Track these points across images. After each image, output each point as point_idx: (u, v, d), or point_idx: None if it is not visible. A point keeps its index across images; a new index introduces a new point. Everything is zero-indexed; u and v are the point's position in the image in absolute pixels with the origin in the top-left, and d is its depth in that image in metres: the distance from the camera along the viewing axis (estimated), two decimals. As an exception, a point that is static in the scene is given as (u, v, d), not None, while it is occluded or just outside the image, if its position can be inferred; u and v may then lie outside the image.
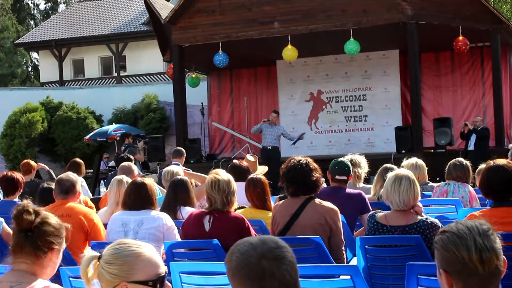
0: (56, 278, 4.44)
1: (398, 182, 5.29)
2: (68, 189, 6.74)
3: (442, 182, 8.28)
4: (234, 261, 2.47)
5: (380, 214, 5.44)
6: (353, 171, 8.10)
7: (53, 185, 7.31)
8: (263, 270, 2.40)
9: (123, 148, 17.51)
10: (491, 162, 5.24)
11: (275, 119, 18.23)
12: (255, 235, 5.71)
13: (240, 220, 5.73)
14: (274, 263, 2.40)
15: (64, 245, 3.42)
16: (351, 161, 8.10)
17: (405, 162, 8.39)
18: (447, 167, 8.24)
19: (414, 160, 8.52)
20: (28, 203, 3.33)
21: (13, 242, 3.30)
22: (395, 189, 5.29)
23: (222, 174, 5.93)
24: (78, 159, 12.23)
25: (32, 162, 11.96)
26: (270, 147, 17.68)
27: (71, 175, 7.04)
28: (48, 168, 13.27)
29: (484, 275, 2.53)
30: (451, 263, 2.56)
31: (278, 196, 5.92)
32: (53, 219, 3.35)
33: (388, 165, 7.98)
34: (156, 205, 6.46)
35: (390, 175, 5.44)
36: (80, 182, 8.11)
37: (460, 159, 8.35)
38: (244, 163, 8.88)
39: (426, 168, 8.69)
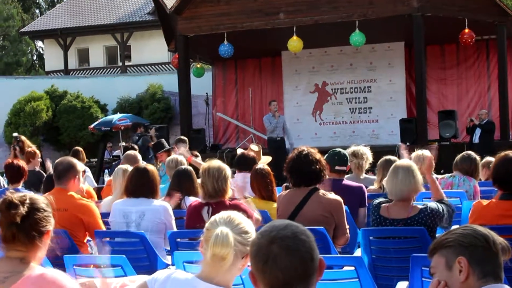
0: (60, 266, 4.46)
1: (395, 173, 5.29)
2: (60, 174, 6.42)
3: (446, 174, 8.25)
4: (254, 236, 2.54)
5: (383, 206, 5.42)
6: (355, 162, 8.09)
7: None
8: (269, 254, 2.40)
9: (136, 137, 17.34)
10: (509, 153, 5.23)
11: (275, 107, 17.98)
12: (258, 219, 5.68)
13: (238, 208, 5.69)
14: (283, 251, 2.39)
15: (53, 221, 3.32)
16: (354, 152, 8.10)
17: (414, 153, 8.33)
18: (456, 158, 8.23)
19: (420, 151, 8.49)
20: (10, 194, 3.21)
21: (3, 233, 3.18)
22: (392, 180, 5.29)
23: (214, 162, 5.95)
24: (77, 147, 12.24)
25: (37, 151, 11.98)
26: (278, 138, 17.64)
27: (68, 158, 6.80)
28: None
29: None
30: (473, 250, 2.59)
31: (285, 184, 5.90)
32: (40, 203, 3.25)
33: (388, 156, 7.94)
34: (158, 193, 6.45)
35: (392, 167, 5.43)
36: (84, 171, 8.12)
37: (470, 152, 8.33)
38: (251, 153, 8.88)
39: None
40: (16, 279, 3.07)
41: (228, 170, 5.92)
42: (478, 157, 8.25)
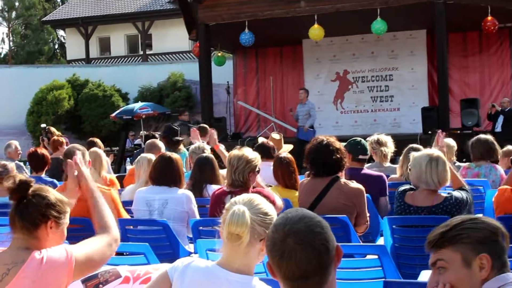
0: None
1: (434, 163, 5.24)
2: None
3: (471, 163, 8.16)
4: (269, 229, 2.55)
5: (408, 193, 5.40)
6: (380, 150, 8.07)
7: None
8: (284, 249, 2.42)
9: (177, 123, 16.93)
10: None
11: (303, 95, 18.04)
12: (281, 206, 5.68)
13: (261, 194, 5.66)
14: (297, 246, 2.40)
15: (66, 220, 3.31)
16: (378, 140, 8.07)
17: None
18: (470, 146, 8.12)
19: (481, 136, 8.37)
20: (17, 174, 3.24)
21: (9, 215, 3.23)
22: (432, 170, 5.23)
23: (240, 150, 5.91)
24: (93, 138, 12.27)
25: (63, 140, 12.08)
26: (301, 126, 17.66)
27: (76, 146, 6.84)
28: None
29: None
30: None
31: (307, 172, 5.89)
32: (47, 192, 3.25)
33: (414, 145, 7.88)
34: (183, 182, 6.47)
35: (421, 155, 5.37)
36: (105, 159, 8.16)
37: (481, 135, 8.22)
38: (270, 142, 8.87)
39: (455, 148, 8.65)
40: (16, 270, 3.08)
41: (253, 159, 5.85)
42: (493, 138, 8.13)
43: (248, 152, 5.88)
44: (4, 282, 3.06)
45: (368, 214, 5.82)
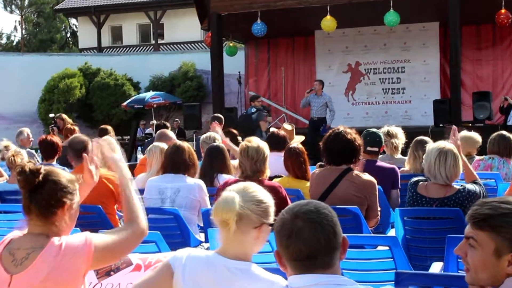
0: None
1: (443, 157, 5.22)
2: (81, 152, 6.10)
3: (485, 156, 8.12)
4: (280, 214, 2.61)
5: (421, 183, 5.39)
6: (391, 142, 8.03)
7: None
8: (292, 228, 2.48)
9: (253, 110, 16.65)
10: None
11: (318, 86, 18.03)
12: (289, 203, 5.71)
13: (277, 189, 5.68)
14: (306, 224, 2.47)
15: (77, 199, 3.33)
16: (388, 132, 8.03)
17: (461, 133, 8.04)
18: (489, 140, 8.09)
19: (469, 133, 8.33)
20: (25, 163, 3.23)
21: (22, 203, 3.23)
22: (440, 164, 5.22)
23: (253, 141, 5.93)
24: (104, 125, 12.29)
25: (75, 128, 12.12)
26: (316, 118, 17.63)
27: (81, 136, 6.85)
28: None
29: None
30: None
31: (319, 163, 5.89)
32: (56, 175, 3.25)
33: (420, 137, 7.76)
34: (196, 169, 6.49)
35: (432, 148, 5.36)
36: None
37: (503, 132, 8.20)
38: (281, 132, 8.86)
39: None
40: (36, 255, 3.11)
41: (266, 149, 5.91)
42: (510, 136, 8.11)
43: (261, 143, 5.93)
44: (23, 266, 3.10)
45: (379, 208, 5.81)
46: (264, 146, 5.91)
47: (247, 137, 6.17)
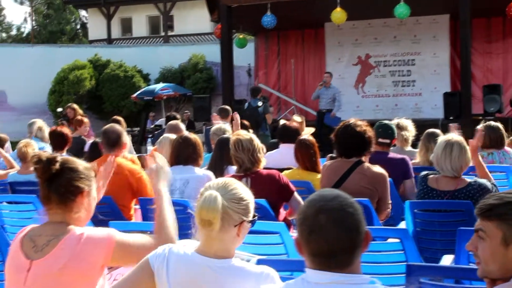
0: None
1: (449, 149, 5.22)
2: (115, 142, 6.64)
3: (483, 152, 7.66)
4: (302, 205, 2.57)
5: (431, 176, 5.38)
6: (401, 135, 8.02)
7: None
8: (315, 224, 2.44)
9: (259, 103, 16.66)
10: None
11: (328, 79, 18.04)
12: (293, 189, 5.76)
13: (275, 176, 5.77)
14: (329, 222, 2.42)
15: (94, 186, 3.37)
16: (398, 124, 8.02)
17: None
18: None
19: (492, 122, 8.05)
20: (41, 152, 3.27)
21: (40, 193, 3.27)
22: (446, 156, 5.22)
23: (242, 134, 5.96)
24: (117, 116, 12.33)
25: (85, 120, 12.17)
26: (325, 110, 17.64)
27: (116, 126, 6.96)
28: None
29: None
30: None
31: (329, 155, 5.90)
32: (72, 163, 3.29)
33: (431, 130, 7.72)
34: (201, 161, 6.51)
35: (440, 140, 5.36)
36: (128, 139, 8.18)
37: (491, 122, 7.91)
38: (294, 124, 8.86)
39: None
40: (56, 242, 3.14)
41: (257, 139, 5.93)
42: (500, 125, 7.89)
43: (250, 134, 5.99)
44: (44, 252, 3.14)
45: (390, 202, 5.81)
46: (254, 137, 5.92)
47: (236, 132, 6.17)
